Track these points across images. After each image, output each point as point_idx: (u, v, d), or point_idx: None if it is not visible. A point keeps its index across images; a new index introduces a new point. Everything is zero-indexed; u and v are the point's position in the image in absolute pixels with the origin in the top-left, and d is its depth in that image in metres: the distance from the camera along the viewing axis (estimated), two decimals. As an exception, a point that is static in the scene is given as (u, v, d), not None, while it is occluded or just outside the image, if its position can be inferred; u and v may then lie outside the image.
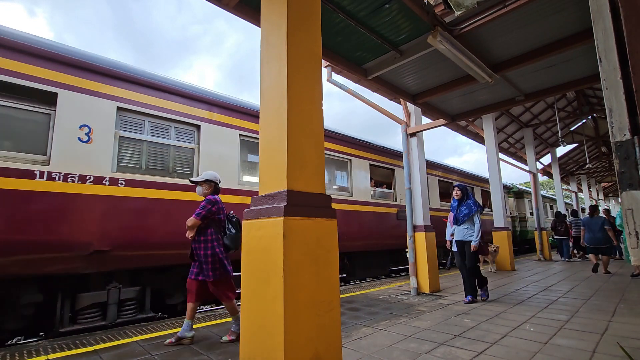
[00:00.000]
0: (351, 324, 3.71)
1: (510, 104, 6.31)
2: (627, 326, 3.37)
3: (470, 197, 4.83)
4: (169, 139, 4.81)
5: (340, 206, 7.04)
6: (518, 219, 16.17)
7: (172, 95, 4.83)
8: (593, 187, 23.71)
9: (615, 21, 1.10)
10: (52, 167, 3.72)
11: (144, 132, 4.58)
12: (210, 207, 3.20)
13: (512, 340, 3.03)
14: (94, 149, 4.03)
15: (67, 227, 3.74)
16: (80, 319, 3.90)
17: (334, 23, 3.89)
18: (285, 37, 2.11)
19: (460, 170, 12.38)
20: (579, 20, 4.03)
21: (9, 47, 3.61)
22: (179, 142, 4.88)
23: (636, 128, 1.03)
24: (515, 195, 16.47)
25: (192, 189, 4.56)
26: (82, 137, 3.97)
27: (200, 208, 3.17)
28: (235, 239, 3.32)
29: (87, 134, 4.01)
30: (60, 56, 3.92)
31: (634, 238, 1.02)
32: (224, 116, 5.31)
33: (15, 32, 3.75)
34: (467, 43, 4.28)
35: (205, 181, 3.38)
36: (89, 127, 4.04)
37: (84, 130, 4.00)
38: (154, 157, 4.63)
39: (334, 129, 7.36)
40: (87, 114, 4.05)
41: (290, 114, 2.04)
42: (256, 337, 1.96)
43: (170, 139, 4.82)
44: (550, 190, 34.19)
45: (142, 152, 4.51)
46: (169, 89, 4.79)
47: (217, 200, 3.29)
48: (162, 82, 4.76)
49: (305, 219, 1.99)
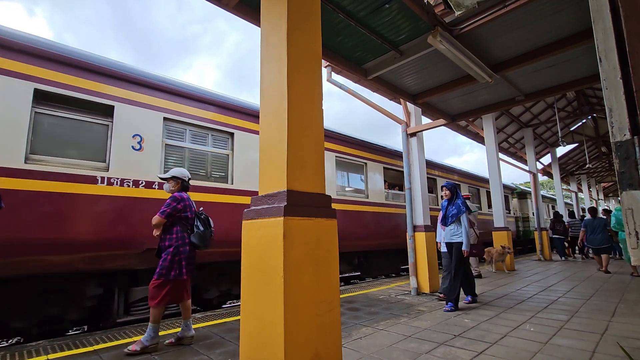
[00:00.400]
0: (351, 324, 3.71)
1: (510, 104, 6.31)
2: (627, 326, 3.37)
3: (459, 197, 4.66)
4: (207, 145, 5.23)
5: (357, 207, 7.49)
6: (521, 219, 16.40)
7: (209, 105, 5.24)
8: (593, 187, 23.71)
9: (615, 21, 1.10)
10: (111, 173, 4.13)
11: (185, 140, 5.02)
12: (176, 204, 3.08)
13: (512, 340, 3.03)
14: (145, 156, 4.45)
15: (125, 227, 4.12)
16: (133, 310, 4.34)
17: (334, 23, 3.89)
18: (285, 37, 2.11)
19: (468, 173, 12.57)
20: (579, 20, 4.03)
21: (75, 65, 4.04)
22: (215, 148, 5.29)
23: (636, 128, 1.03)
24: (519, 196, 16.74)
25: (228, 191, 5.04)
26: (135, 145, 4.39)
27: (165, 206, 3.06)
28: (203, 237, 3.18)
29: (139, 142, 4.43)
30: (116, 72, 4.34)
31: (634, 238, 1.02)
32: (254, 124, 5.71)
33: (80, 51, 4.17)
34: (467, 43, 4.28)
35: (172, 178, 3.27)
36: (141, 137, 4.45)
37: (137, 139, 4.42)
38: (194, 162, 5.06)
39: (351, 134, 7.77)
40: (139, 124, 4.46)
41: (290, 114, 2.04)
42: (256, 337, 1.96)
43: (208, 146, 5.24)
44: (550, 190, 34.20)
45: (184, 158, 4.96)
46: (206, 99, 5.20)
47: (184, 197, 3.17)
48: (201, 94, 5.14)
49: (305, 219, 1.99)
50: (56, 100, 3.93)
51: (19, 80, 3.66)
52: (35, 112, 3.78)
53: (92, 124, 4.16)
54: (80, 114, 4.08)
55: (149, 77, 4.62)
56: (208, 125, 5.16)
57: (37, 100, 3.79)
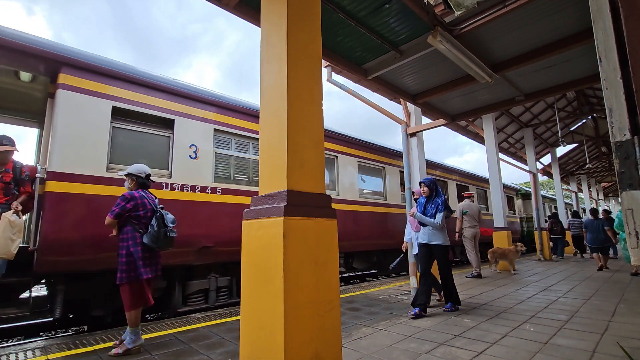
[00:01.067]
0: (351, 324, 3.71)
1: (510, 104, 6.31)
2: (627, 326, 3.37)
3: (440, 195, 4.25)
4: (249, 153, 5.74)
5: (376, 209, 7.96)
6: (525, 220, 16.61)
7: (248, 117, 5.70)
8: (593, 187, 23.70)
9: (615, 21, 1.10)
10: (173, 180, 4.64)
11: (231, 148, 5.52)
12: (125, 204, 2.96)
13: (512, 340, 3.03)
14: (199, 164, 4.95)
15: (184, 227, 4.50)
16: (190, 301, 4.82)
17: (334, 23, 3.89)
18: (285, 37, 2.11)
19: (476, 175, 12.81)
20: (579, 20, 4.03)
21: (143, 84, 4.55)
22: (255, 155, 5.77)
23: (636, 128, 1.03)
24: (523, 197, 17.00)
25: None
26: (191, 154, 4.89)
27: (115, 205, 2.97)
28: (155, 237, 2.97)
29: (194, 151, 4.94)
30: (176, 89, 4.85)
31: (634, 238, 1.02)
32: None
33: (147, 72, 4.71)
34: (467, 43, 4.28)
35: (127, 175, 3.16)
36: (196, 146, 4.96)
37: (193, 149, 4.92)
38: (238, 169, 5.58)
39: (371, 141, 8.25)
40: (194, 135, 4.97)
41: (290, 114, 2.04)
42: (256, 337, 1.96)
43: (249, 154, 5.75)
44: (550, 190, 34.20)
45: (230, 165, 5.46)
46: (247, 111, 5.67)
47: (135, 196, 3.02)
48: (243, 106, 5.63)
49: (306, 219, 1.99)
50: (129, 116, 4.47)
51: (101, 100, 4.19)
52: (113, 127, 4.30)
53: (157, 136, 4.71)
54: (147, 128, 4.63)
55: (203, 93, 5.18)
56: (249, 135, 5.68)
57: (114, 116, 4.30)
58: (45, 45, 3.85)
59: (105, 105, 4.19)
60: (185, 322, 3.93)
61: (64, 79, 3.95)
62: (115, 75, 4.32)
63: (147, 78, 4.60)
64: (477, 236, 7.41)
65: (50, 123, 4.06)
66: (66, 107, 3.90)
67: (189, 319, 4.09)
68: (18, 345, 3.23)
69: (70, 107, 3.93)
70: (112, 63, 4.35)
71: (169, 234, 3.06)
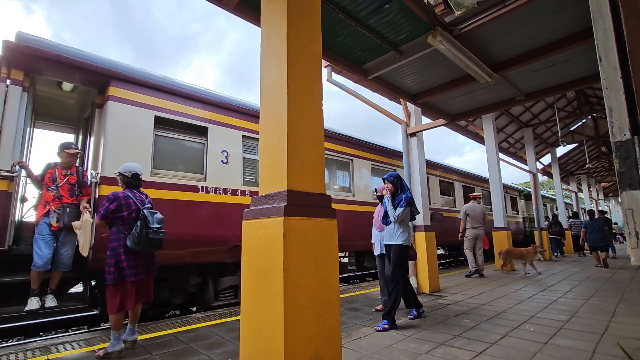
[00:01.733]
0: (351, 324, 3.71)
1: (510, 104, 6.31)
2: (627, 326, 3.37)
3: (405, 191, 3.93)
4: None
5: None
6: (528, 220, 16.78)
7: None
8: (593, 187, 23.70)
9: (615, 21, 1.10)
10: (207, 183, 4.93)
11: (256, 153, 5.69)
12: (108, 205, 2.91)
13: (512, 340, 3.03)
14: (230, 168, 5.25)
15: (218, 227, 4.85)
16: (221, 297, 5.10)
17: (334, 23, 3.89)
18: (285, 37, 2.11)
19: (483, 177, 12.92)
20: (579, 20, 4.03)
21: (180, 94, 4.86)
22: None
23: (636, 128, 1.03)
24: (525, 197, 17.14)
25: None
26: (223, 159, 5.20)
27: (101, 206, 2.95)
28: (137, 239, 2.88)
29: (226, 157, 5.24)
30: (209, 99, 5.16)
31: (634, 238, 1.02)
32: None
33: (184, 83, 5.04)
34: (467, 43, 4.27)
35: (117, 174, 3.13)
36: (227, 152, 5.26)
37: (224, 154, 5.23)
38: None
39: (383, 144, 8.58)
40: (225, 142, 5.28)
41: (290, 114, 2.04)
42: (256, 337, 1.96)
43: None
44: (550, 190, 34.20)
45: (256, 169, 5.67)
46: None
47: (118, 196, 2.95)
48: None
49: (306, 219, 1.99)
50: (168, 125, 4.78)
51: (145, 110, 4.51)
52: (155, 135, 4.60)
53: (193, 143, 5.01)
54: (185, 135, 4.94)
55: (232, 102, 5.48)
56: None
57: (156, 125, 4.60)
58: (98, 61, 4.23)
59: (148, 115, 4.52)
60: (185, 322, 3.93)
61: (114, 91, 4.28)
62: (157, 87, 4.66)
63: (184, 89, 4.94)
64: (480, 237, 7.63)
65: (99, 131, 4.36)
66: (116, 117, 4.22)
67: (189, 318, 4.09)
68: (18, 345, 3.23)
69: (119, 117, 4.25)
70: (153, 76, 4.72)
71: (151, 235, 2.92)
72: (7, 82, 3.70)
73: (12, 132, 3.67)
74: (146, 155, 4.39)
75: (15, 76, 3.77)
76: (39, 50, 3.77)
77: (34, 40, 3.81)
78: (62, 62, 3.91)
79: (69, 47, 4.11)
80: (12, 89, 3.72)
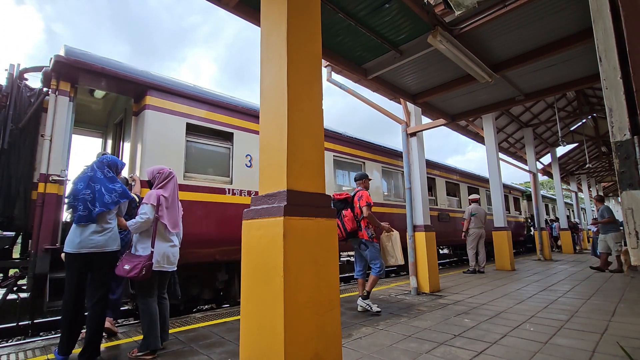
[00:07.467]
0: (351, 323, 3.71)
1: (510, 104, 6.31)
2: (627, 326, 3.37)
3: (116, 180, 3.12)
4: None
5: (397, 210, 8.41)
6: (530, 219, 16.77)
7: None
8: (593, 187, 23.70)
9: (615, 21, 1.10)
10: (233, 186, 5.22)
11: None
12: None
13: (512, 340, 3.03)
14: (253, 172, 5.48)
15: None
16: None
17: (334, 23, 3.88)
18: (285, 37, 2.11)
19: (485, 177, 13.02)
20: (579, 20, 4.03)
21: (209, 102, 5.16)
22: None
23: (636, 128, 1.03)
24: (528, 198, 17.31)
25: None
26: (247, 163, 5.48)
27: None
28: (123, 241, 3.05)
29: (249, 160, 5.51)
30: (233, 106, 5.46)
31: (634, 238, 1.02)
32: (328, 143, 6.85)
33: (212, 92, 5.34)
34: (467, 43, 4.27)
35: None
36: (250, 156, 5.53)
37: (248, 158, 5.50)
38: None
39: (392, 147, 8.85)
40: (249, 146, 5.54)
41: (290, 114, 2.04)
42: (256, 337, 1.96)
43: None
44: (550, 190, 34.19)
45: None
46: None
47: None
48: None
49: (306, 219, 1.99)
50: (198, 131, 5.05)
51: (179, 117, 4.80)
52: (187, 141, 4.87)
53: (220, 148, 5.30)
54: (213, 140, 5.22)
55: (254, 108, 5.72)
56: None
57: (187, 131, 4.88)
58: (136, 73, 4.54)
59: (181, 122, 4.81)
60: (185, 322, 3.93)
61: (150, 100, 4.56)
62: (188, 96, 4.94)
63: (212, 97, 5.24)
64: (482, 236, 8.06)
65: (135, 137, 4.66)
66: (152, 124, 4.51)
67: (189, 318, 4.09)
68: (18, 345, 3.23)
69: (155, 124, 4.53)
70: (185, 85, 5.02)
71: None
72: (56, 93, 4.03)
73: (61, 139, 3.96)
74: (179, 160, 4.68)
75: (63, 87, 4.09)
76: (86, 64, 4.09)
77: (81, 54, 4.12)
78: (105, 74, 4.25)
79: (110, 59, 4.44)
80: (60, 99, 4.04)
